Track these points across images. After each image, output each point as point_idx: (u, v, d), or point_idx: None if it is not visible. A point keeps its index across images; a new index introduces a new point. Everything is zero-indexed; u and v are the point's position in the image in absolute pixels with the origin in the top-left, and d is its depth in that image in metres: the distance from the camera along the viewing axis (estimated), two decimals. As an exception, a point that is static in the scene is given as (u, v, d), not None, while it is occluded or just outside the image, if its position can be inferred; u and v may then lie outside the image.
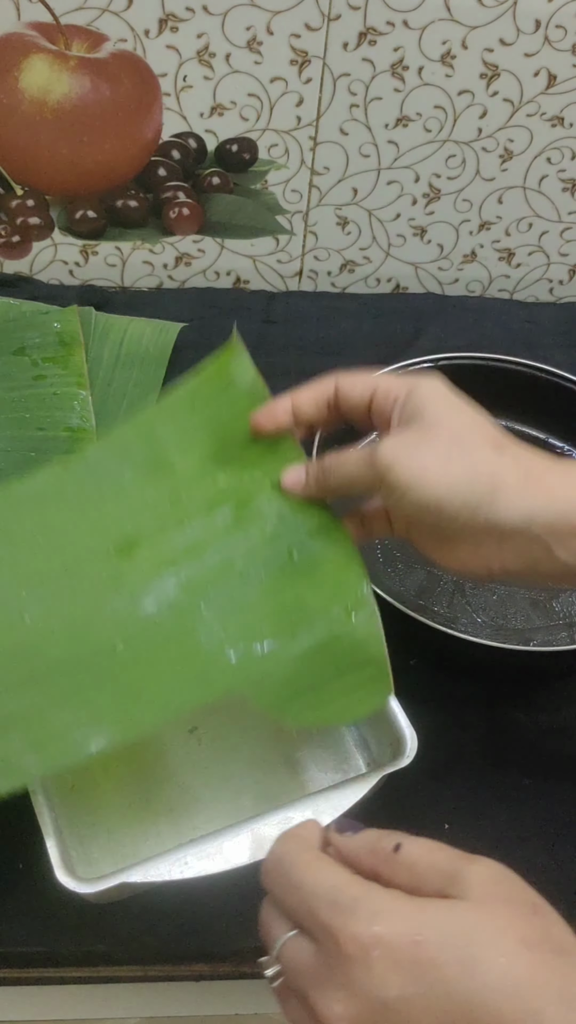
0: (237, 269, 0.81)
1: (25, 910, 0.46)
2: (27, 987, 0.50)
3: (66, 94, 0.68)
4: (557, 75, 0.70)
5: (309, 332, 0.78)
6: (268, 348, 0.76)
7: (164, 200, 0.76)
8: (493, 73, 0.69)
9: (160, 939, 0.46)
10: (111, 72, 0.68)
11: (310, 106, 0.71)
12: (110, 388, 0.71)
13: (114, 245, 0.79)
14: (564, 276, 0.84)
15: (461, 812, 0.51)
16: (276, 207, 0.77)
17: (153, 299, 0.80)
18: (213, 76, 0.69)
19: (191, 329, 0.76)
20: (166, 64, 0.68)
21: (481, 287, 0.85)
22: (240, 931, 0.46)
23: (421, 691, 0.56)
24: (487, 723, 0.55)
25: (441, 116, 0.72)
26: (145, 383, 0.72)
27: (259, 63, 0.68)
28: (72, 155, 0.72)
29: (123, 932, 0.46)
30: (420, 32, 0.67)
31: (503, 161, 0.75)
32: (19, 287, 0.78)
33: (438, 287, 0.85)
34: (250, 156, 0.74)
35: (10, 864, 0.47)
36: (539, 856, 0.50)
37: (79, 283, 0.81)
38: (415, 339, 0.78)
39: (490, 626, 0.59)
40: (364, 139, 0.73)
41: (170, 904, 0.46)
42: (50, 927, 0.46)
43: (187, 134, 0.72)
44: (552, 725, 0.55)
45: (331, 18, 0.66)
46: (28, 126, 0.70)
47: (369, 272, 0.83)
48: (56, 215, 0.76)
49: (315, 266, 0.82)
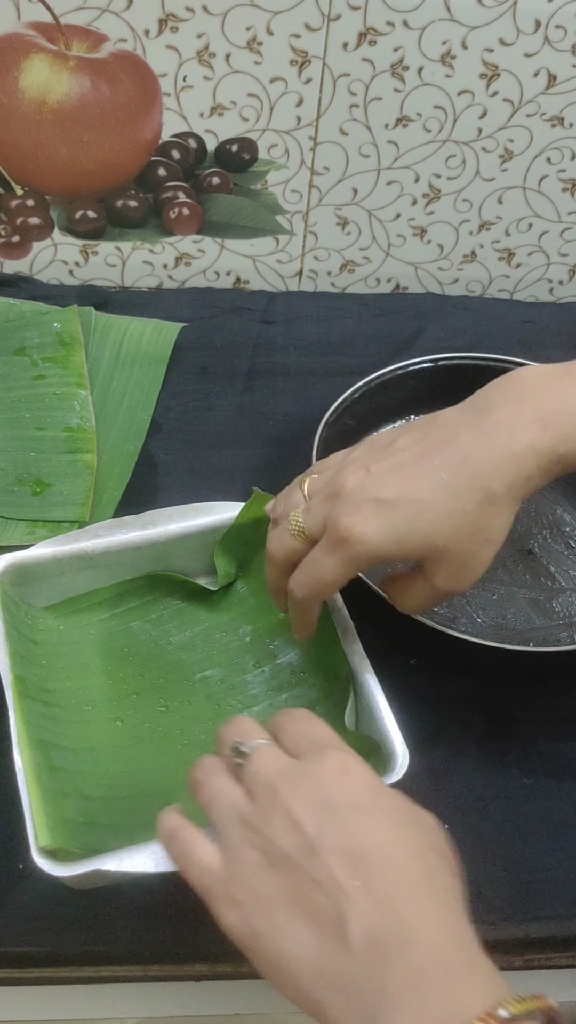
0: (237, 269, 0.81)
1: (25, 910, 0.46)
2: (27, 987, 0.50)
3: (66, 94, 0.69)
4: (557, 75, 0.70)
5: (309, 332, 0.78)
6: (268, 348, 0.76)
7: (164, 200, 0.76)
8: (493, 73, 0.69)
9: (160, 939, 0.46)
10: (111, 72, 0.68)
11: (310, 106, 0.71)
12: (110, 388, 0.71)
13: (114, 245, 0.79)
14: (564, 276, 0.84)
15: (461, 812, 0.51)
16: (276, 207, 0.77)
17: (153, 299, 0.80)
18: (213, 76, 0.69)
19: (191, 329, 0.76)
20: (166, 64, 0.68)
21: (481, 287, 0.85)
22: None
23: (421, 691, 0.56)
24: (487, 723, 0.55)
25: (441, 116, 0.72)
26: (145, 383, 0.72)
27: (259, 63, 0.68)
28: (72, 155, 0.72)
29: (123, 932, 0.46)
30: (420, 32, 0.67)
31: (503, 161, 0.75)
32: (19, 287, 0.78)
33: (438, 287, 0.85)
34: (250, 156, 0.74)
35: (10, 864, 0.47)
36: (539, 856, 0.50)
37: (79, 283, 0.81)
38: (415, 339, 0.78)
39: (490, 626, 0.59)
40: (364, 139, 0.73)
41: (170, 904, 0.46)
42: (50, 927, 0.46)
43: (187, 134, 0.72)
44: (552, 725, 0.55)
45: (331, 18, 0.66)
46: (28, 126, 0.70)
47: (369, 272, 0.83)
48: (56, 215, 0.76)
49: (315, 266, 0.82)
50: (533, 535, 0.64)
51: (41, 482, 0.63)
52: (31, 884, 0.47)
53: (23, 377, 0.69)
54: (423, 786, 0.52)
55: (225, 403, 0.72)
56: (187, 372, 0.74)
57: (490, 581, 0.61)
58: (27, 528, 0.61)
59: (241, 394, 0.72)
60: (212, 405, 0.72)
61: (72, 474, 0.64)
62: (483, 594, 0.60)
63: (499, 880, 0.49)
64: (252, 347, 0.77)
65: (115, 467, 0.66)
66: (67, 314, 0.73)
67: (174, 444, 0.68)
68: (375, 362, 0.67)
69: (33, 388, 0.69)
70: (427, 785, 0.52)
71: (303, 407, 0.71)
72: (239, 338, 0.77)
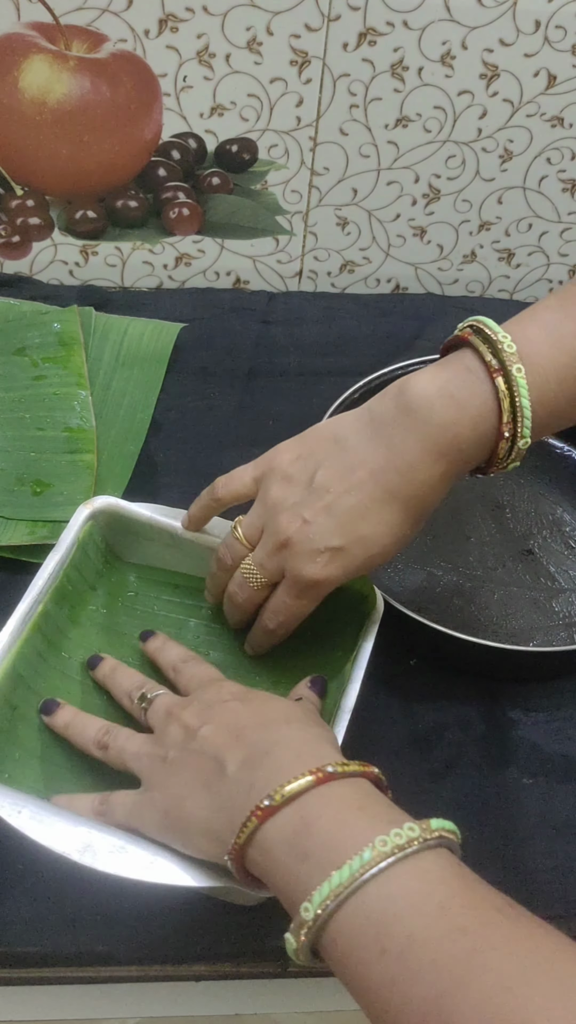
0: (237, 269, 0.81)
1: (25, 910, 0.46)
2: (27, 987, 0.50)
3: (66, 94, 0.69)
4: (557, 75, 0.70)
5: (309, 332, 0.78)
6: (268, 348, 0.76)
7: (164, 200, 0.76)
8: (493, 73, 0.70)
9: (160, 939, 0.46)
10: (111, 72, 0.68)
11: (310, 106, 0.71)
12: (110, 388, 0.71)
13: (114, 245, 0.79)
14: (564, 276, 0.84)
15: (461, 812, 0.51)
16: (276, 207, 0.77)
17: (153, 299, 0.80)
18: (213, 76, 0.69)
19: (191, 329, 0.76)
20: (166, 64, 0.68)
21: (481, 287, 0.85)
22: (240, 932, 0.46)
23: (421, 691, 0.56)
24: (487, 723, 0.55)
25: (441, 116, 0.72)
26: (145, 383, 0.72)
27: (259, 63, 0.68)
28: (72, 155, 0.72)
29: (123, 932, 0.46)
30: (420, 32, 0.67)
31: (503, 161, 0.75)
32: (19, 287, 0.78)
33: (438, 287, 0.85)
34: (250, 156, 0.74)
35: (10, 865, 0.47)
36: (539, 856, 0.50)
37: (79, 283, 0.81)
38: (415, 339, 0.78)
39: (490, 626, 0.59)
40: (364, 139, 0.73)
41: (170, 905, 0.46)
42: (50, 927, 0.46)
43: (187, 134, 0.72)
44: (552, 725, 0.55)
45: (331, 18, 0.66)
46: (28, 126, 0.70)
47: (369, 272, 0.83)
48: (56, 215, 0.76)
49: (315, 266, 0.82)
50: (533, 535, 0.64)
51: (41, 482, 0.63)
52: (31, 884, 0.47)
53: (23, 377, 0.69)
54: (423, 786, 0.52)
55: (225, 403, 0.72)
56: (187, 372, 0.74)
57: (490, 581, 0.61)
58: (27, 528, 0.61)
59: (241, 394, 0.72)
60: (212, 405, 0.72)
61: (72, 474, 0.64)
62: (483, 594, 0.60)
63: (499, 881, 0.49)
64: (252, 347, 0.77)
65: (115, 467, 0.66)
66: (67, 314, 0.73)
67: (174, 444, 0.68)
68: (375, 362, 0.67)
69: (33, 388, 0.69)
70: (427, 785, 0.52)
71: (303, 407, 0.71)
72: (239, 338, 0.77)
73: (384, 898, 0.31)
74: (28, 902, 0.46)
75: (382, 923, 0.31)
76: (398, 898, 0.31)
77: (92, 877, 0.38)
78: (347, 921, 0.32)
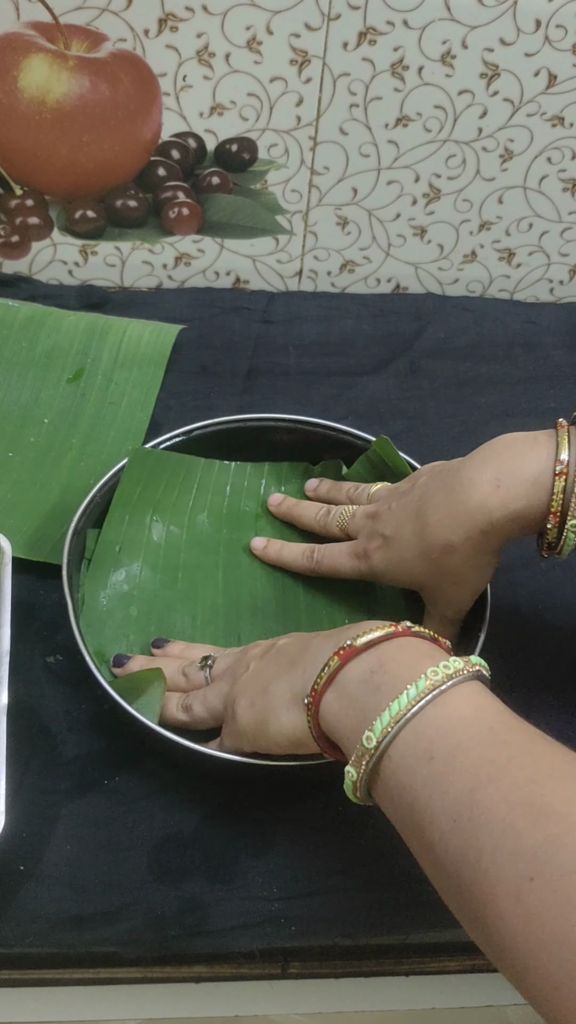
0: (237, 269, 0.81)
1: (25, 911, 0.46)
2: (27, 988, 0.50)
3: (65, 94, 0.68)
4: (557, 75, 0.70)
5: (309, 332, 0.78)
6: (268, 348, 0.76)
7: (164, 200, 0.76)
8: (493, 73, 0.69)
9: (160, 941, 0.46)
10: (111, 72, 0.68)
11: (310, 106, 0.71)
12: (110, 388, 0.71)
13: (114, 245, 0.79)
14: (564, 276, 0.84)
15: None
16: (276, 207, 0.77)
17: (153, 299, 0.80)
18: (213, 76, 0.68)
19: (191, 329, 0.76)
20: (166, 64, 0.68)
21: (481, 287, 0.85)
22: (240, 932, 0.46)
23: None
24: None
25: (441, 116, 0.72)
26: (145, 383, 0.72)
27: (259, 63, 0.68)
28: (72, 155, 0.72)
29: (123, 933, 0.46)
30: (420, 32, 0.67)
31: (503, 161, 0.75)
32: (18, 287, 0.78)
33: (438, 287, 0.85)
34: (250, 156, 0.74)
35: (11, 865, 0.47)
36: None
37: (78, 283, 0.81)
38: (415, 339, 0.78)
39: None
40: (364, 139, 0.73)
41: (171, 905, 0.46)
42: (50, 928, 0.46)
43: (187, 134, 0.72)
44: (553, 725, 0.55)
45: (331, 18, 0.66)
46: (27, 126, 0.70)
47: (369, 272, 0.83)
48: (55, 215, 0.76)
49: (315, 266, 0.82)
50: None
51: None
52: (33, 885, 0.47)
53: (24, 378, 0.69)
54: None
55: (225, 403, 0.72)
56: (187, 372, 0.74)
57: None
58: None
59: (241, 394, 0.72)
60: (212, 405, 0.71)
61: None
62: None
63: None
64: (252, 347, 0.76)
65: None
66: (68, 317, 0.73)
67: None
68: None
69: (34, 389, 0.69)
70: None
71: (303, 407, 0.71)
72: (239, 338, 0.77)
73: (438, 718, 0.35)
74: (29, 903, 0.46)
75: (434, 738, 0.35)
76: (451, 718, 0.35)
77: (93, 877, 0.38)
78: (403, 744, 0.35)
